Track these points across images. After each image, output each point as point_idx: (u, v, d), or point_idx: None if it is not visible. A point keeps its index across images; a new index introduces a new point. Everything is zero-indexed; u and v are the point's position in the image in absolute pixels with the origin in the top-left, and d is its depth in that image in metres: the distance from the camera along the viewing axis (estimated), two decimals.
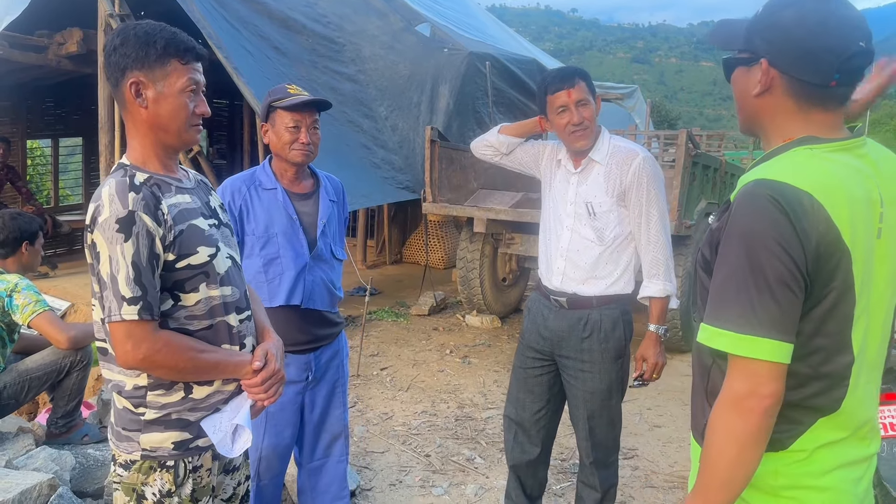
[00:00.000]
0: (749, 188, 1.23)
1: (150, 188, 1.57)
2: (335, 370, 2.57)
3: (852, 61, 1.24)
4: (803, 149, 1.27)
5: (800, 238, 1.17)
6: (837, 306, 1.22)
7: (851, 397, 1.27)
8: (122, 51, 1.57)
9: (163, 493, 1.64)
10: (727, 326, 1.20)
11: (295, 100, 2.31)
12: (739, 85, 1.38)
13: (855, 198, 1.23)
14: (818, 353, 1.24)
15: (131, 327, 1.52)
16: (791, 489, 1.28)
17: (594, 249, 2.50)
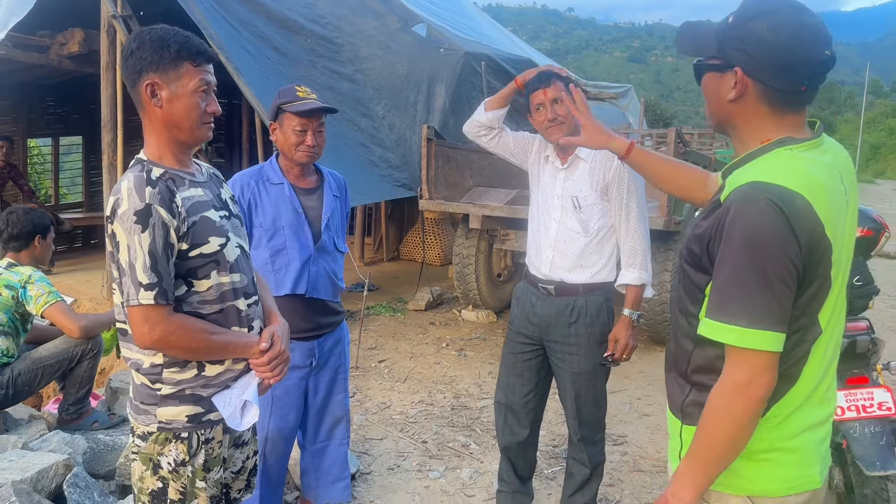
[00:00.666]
0: (745, 191, 1.31)
1: (165, 182, 1.71)
2: (337, 357, 2.71)
3: (819, 68, 1.34)
4: (784, 150, 1.36)
5: (796, 237, 1.27)
6: (819, 292, 1.34)
7: (811, 364, 1.40)
8: (139, 54, 1.70)
9: (177, 462, 1.77)
10: (733, 322, 1.30)
11: (303, 106, 2.44)
12: (711, 90, 1.45)
13: (832, 192, 1.34)
14: (799, 332, 1.36)
15: (148, 311, 1.65)
16: (767, 452, 1.41)
17: (580, 240, 2.65)
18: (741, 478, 1.43)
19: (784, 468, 1.41)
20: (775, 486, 1.41)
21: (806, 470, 1.43)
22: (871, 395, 2.75)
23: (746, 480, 1.42)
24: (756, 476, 1.42)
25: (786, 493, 1.41)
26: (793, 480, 1.42)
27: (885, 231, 3.51)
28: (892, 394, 2.75)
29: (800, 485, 1.42)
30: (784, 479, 1.41)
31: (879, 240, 3.53)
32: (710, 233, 1.37)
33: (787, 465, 1.41)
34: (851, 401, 2.75)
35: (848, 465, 2.82)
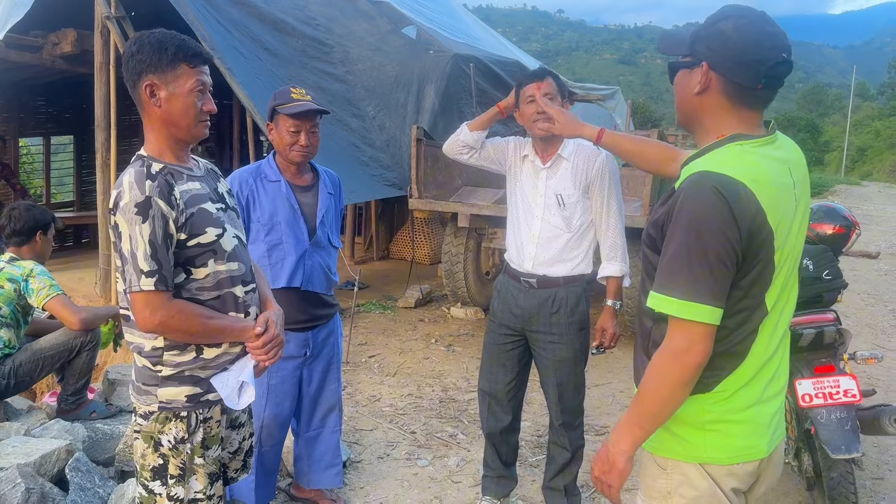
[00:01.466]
0: (695, 179, 1.44)
1: (164, 177, 1.82)
2: (331, 347, 2.83)
3: (776, 69, 1.48)
4: (735, 145, 1.50)
5: (737, 222, 1.39)
6: (762, 275, 1.47)
7: (759, 343, 1.54)
8: (138, 57, 1.81)
9: (177, 440, 1.89)
10: (674, 294, 1.43)
11: (296, 108, 2.56)
12: (681, 85, 1.60)
13: (778, 185, 1.48)
14: (744, 312, 1.49)
15: (149, 296, 1.77)
16: (716, 423, 1.54)
17: (563, 236, 2.78)
18: (693, 446, 1.56)
19: (732, 438, 1.54)
20: (723, 454, 1.54)
21: (753, 440, 1.55)
22: (838, 382, 2.88)
23: (697, 448, 1.55)
24: (705, 445, 1.55)
25: (733, 461, 1.54)
26: (740, 450, 1.55)
27: (855, 228, 3.66)
28: (857, 382, 2.89)
29: (747, 454, 1.55)
30: (732, 449, 1.54)
31: (850, 236, 3.67)
32: (663, 217, 1.51)
33: (735, 435, 1.54)
34: (819, 388, 2.88)
35: (816, 449, 2.96)
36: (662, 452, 1.61)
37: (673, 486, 1.59)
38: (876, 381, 5.05)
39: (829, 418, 2.83)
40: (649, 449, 1.64)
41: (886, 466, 3.74)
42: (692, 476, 1.57)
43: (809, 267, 3.20)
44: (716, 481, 1.55)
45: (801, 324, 3.07)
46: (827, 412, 2.84)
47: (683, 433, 1.57)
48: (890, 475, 3.64)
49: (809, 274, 3.19)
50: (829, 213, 3.61)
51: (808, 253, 3.24)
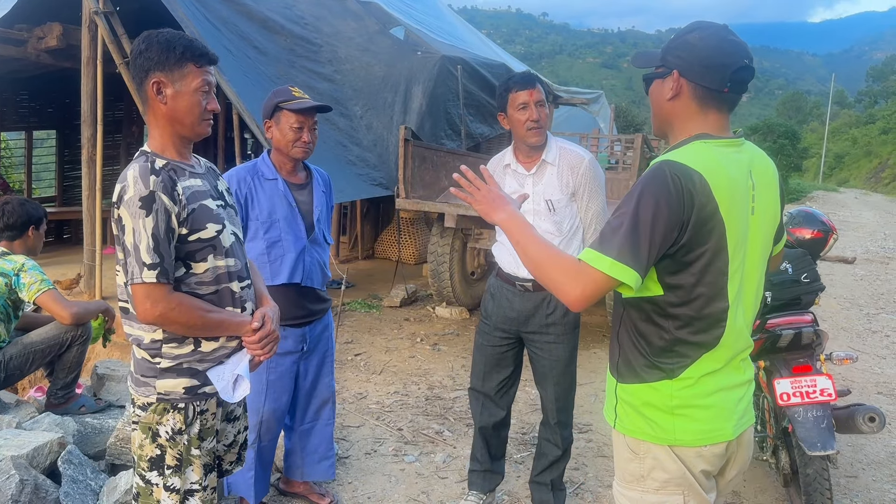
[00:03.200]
0: (655, 165, 1.58)
1: (167, 172, 1.86)
2: (325, 342, 2.88)
3: (739, 73, 1.62)
4: (699, 142, 1.63)
5: (684, 204, 1.50)
6: (713, 262, 1.56)
7: (728, 335, 1.64)
8: (147, 55, 1.86)
9: (174, 430, 1.92)
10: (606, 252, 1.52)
11: (302, 104, 2.61)
12: (655, 94, 1.73)
13: (734, 180, 1.59)
14: (699, 300, 1.59)
15: (150, 289, 1.80)
16: (683, 408, 1.64)
17: (554, 240, 2.83)
18: (663, 429, 1.66)
19: (698, 422, 1.64)
20: (691, 437, 1.65)
21: (719, 423, 1.66)
22: (815, 382, 2.97)
23: (667, 431, 1.65)
24: (673, 428, 1.65)
25: (700, 443, 1.65)
26: (706, 433, 1.65)
27: (832, 233, 3.76)
28: (833, 381, 2.98)
29: (713, 437, 1.65)
30: (698, 432, 1.65)
31: (828, 241, 3.77)
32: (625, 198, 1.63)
33: (701, 419, 1.64)
34: (796, 387, 2.97)
35: (793, 447, 3.05)
36: (635, 434, 1.70)
37: (646, 470, 1.68)
38: (850, 381, 5.18)
39: (806, 416, 2.92)
40: (622, 430, 1.72)
41: (860, 465, 3.85)
42: (663, 459, 1.66)
43: (788, 270, 3.29)
44: (685, 464, 1.65)
45: (779, 325, 3.16)
46: (804, 411, 2.93)
47: (654, 416, 1.66)
48: (863, 473, 3.75)
49: (788, 277, 3.28)
50: (807, 217, 3.71)
51: (787, 256, 3.33)
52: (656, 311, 1.63)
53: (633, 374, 1.68)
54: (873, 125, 50.24)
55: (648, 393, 1.66)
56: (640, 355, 1.67)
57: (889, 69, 74.81)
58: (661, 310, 1.62)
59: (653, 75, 1.72)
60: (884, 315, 7.72)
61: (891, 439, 4.18)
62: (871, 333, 6.90)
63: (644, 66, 1.75)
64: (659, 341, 1.63)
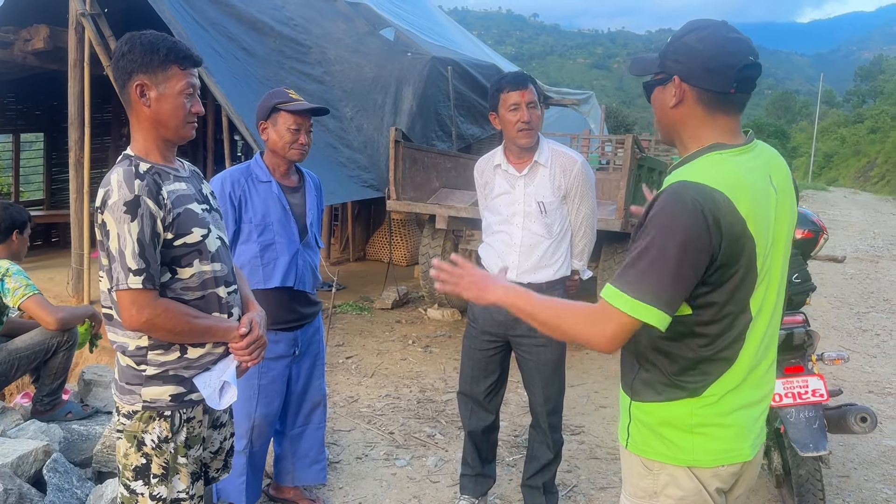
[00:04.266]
0: (675, 188, 1.47)
1: (152, 176, 1.83)
2: (316, 345, 2.86)
3: (745, 72, 1.51)
4: (714, 154, 1.53)
5: (711, 231, 1.41)
6: (744, 281, 1.49)
7: (747, 348, 1.56)
8: (130, 57, 1.82)
9: (161, 439, 1.89)
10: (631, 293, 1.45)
11: (301, 105, 2.59)
12: (658, 102, 1.63)
13: (757, 192, 1.50)
14: (728, 318, 1.51)
15: (136, 295, 1.77)
16: (703, 427, 1.57)
17: (544, 243, 2.82)
18: (681, 450, 1.58)
19: (717, 441, 1.57)
20: (710, 457, 1.57)
21: (738, 444, 1.59)
22: (806, 382, 2.96)
23: (685, 452, 1.58)
24: (692, 448, 1.57)
25: (718, 463, 1.58)
26: (725, 453, 1.58)
27: (823, 233, 3.76)
28: (824, 382, 2.97)
29: (731, 457, 1.58)
30: (717, 452, 1.57)
31: (819, 241, 3.77)
32: (642, 220, 1.55)
33: (721, 438, 1.57)
34: (788, 388, 2.96)
35: (785, 448, 3.04)
36: (650, 455, 1.63)
37: (659, 487, 1.62)
38: (841, 381, 5.19)
39: (798, 417, 2.91)
40: (636, 451, 1.65)
41: (852, 465, 3.85)
42: (679, 477, 1.59)
43: None
44: (701, 482, 1.59)
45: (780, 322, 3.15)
46: (796, 411, 2.92)
47: (672, 436, 1.59)
48: (855, 473, 3.75)
49: None
50: (798, 217, 3.71)
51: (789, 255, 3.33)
52: (683, 331, 1.54)
53: (652, 392, 1.60)
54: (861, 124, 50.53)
55: (667, 412, 1.58)
56: (661, 373, 1.59)
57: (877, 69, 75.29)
58: (688, 329, 1.54)
59: (653, 82, 1.64)
60: (874, 314, 7.75)
61: (882, 439, 4.19)
62: (861, 332, 6.92)
63: (642, 73, 1.66)
64: (683, 360, 1.55)
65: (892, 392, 5.13)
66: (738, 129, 1.60)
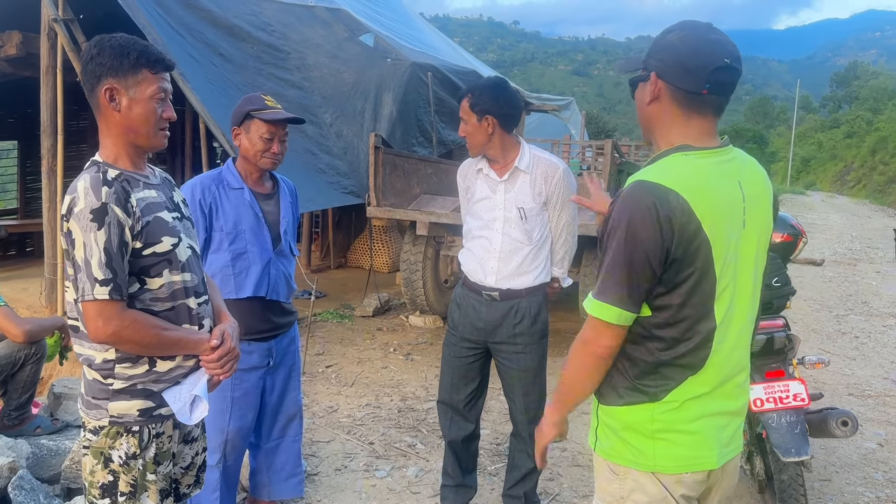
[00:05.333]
0: (631, 188, 1.51)
1: (120, 183, 1.77)
2: (292, 355, 2.79)
3: (718, 74, 1.52)
4: (679, 154, 1.55)
5: (662, 230, 1.44)
6: (700, 283, 1.49)
7: (715, 357, 1.56)
8: (99, 60, 1.77)
9: (128, 455, 1.82)
10: (596, 296, 1.54)
11: (275, 114, 2.52)
12: (639, 98, 1.66)
13: (719, 195, 1.50)
14: (685, 321, 1.52)
15: (102, 306, 1.71)
16: (665, 432, 1.57)
17: (524, 249, 2.78)
18: (643, 455, 1.59)
19: (679, 448, 1.57)
20: (671, 463, 1.58)
21: (701, 451, 1.58)
22: (788, 387, 2.96)
23: (647, 457, 1.58)
24: (654, 453, 1.58)
25: (680, 470, 1.57)
26: (688, 460, 1.58)
27: (802, 236, 3.77)
28: (805, 386, 2.97)
29: (694, 464, 1.58)
30: (679, 458, 1.57)
31: (798, 244, 3.78)
32: (606, 222, 1.59)
33: (683, 445, 1.57)
34: (770, 393, 2.95)
35: (767, 453, 3.03)
36: (615, 459, 1.64)
37: (626, 492, 1.63)
38: (822, 384, 5.21)
39: (780, 422, 2.90)
40: (602, 454, 1.67)
41: (833, 468, 3.85)
42: (644, 483, 1.60)
43: None
44: (667, 488, 1.59)
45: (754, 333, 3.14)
46: (778, 416, 2.92)
47: (634, 441, 1.59)
48: (836, 477, 3.75)
49: None
50: (777, 221, 3.71)
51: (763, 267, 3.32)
52: (641, 333, 1.56)
53: (615, 396, 1.62)
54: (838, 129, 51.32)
55: (629, 415, 1.60)
56: (623, 377, 1.60)
57: (851, 75, 76.51)
58: (646, 331, 1.55)
59: (637, 78, 1.67)
60: (852, 316, 7.82)
61: (863, 441, 4.20)
62: (840, 335, 6.98)
63: (628, 70, 1.70)
64: (643, 363, 1.57)
65: (872, 394, 5.16)
66: (712, 132, 1.60)
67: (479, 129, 2.72)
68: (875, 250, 13.07)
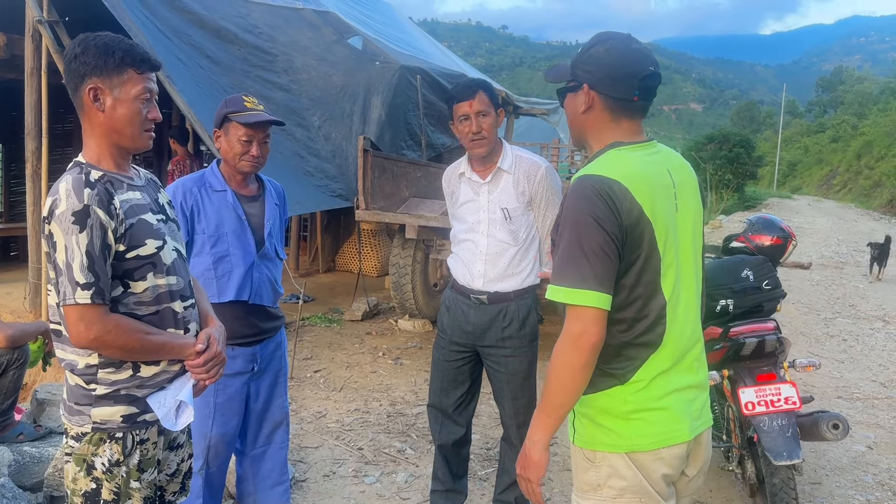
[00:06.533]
0: (576, 182, 1.63)
1: (103, 185, 1.74)
2: (278, 361, 2.74)
3: (646, 81, 1.68)
4: (613, 150, 1.70)
5: (614, 214, 1.55)
6: (648, 262, 1.61)
7: (671, 332, 1.66)
8: (83, 59, 1.73)
9: (112, 462, 1.78)
10: (563, 283, 1.58)
11: (252, 117, 2.48)
12: (570, 107, 1.78)
13: (653, 182, 1.65)
14: (639, 300, 1.62)
15: (84, 310, 1.67)
16: (638, 412, 1.65)
17: (510, 250, 2.76)
18: (619, 436, 1.65)
19: (653, 425, 1.65)
20: (647, 440, 1.64)
21: (674, 426, 1.66)
22: (779, 390, 2.95)
23: (623, 438, 1.64)
24: (629, 433, 1.64)
25: (657, 446, 1.64)
26: (662, 435, 1.65)
27: (792, 239, 3.78)
28: (797, 389, 2.96)
29: (669, 438, 1.65)
30: (654, 434, 1.64)
31: (787, 247, 3.78)
32: (558, 220, 1.69)
33: (656, 422, 1.65)
34: (761, 396, 2.94)
35: (759, 457, 3.02)
36: (590, 445, 1.69)
37: (602, 478, 1.67)
38: (811, 386, 5.23)
39: (771, 426, 2.89)
40: (578, 443, 1.72)
41: (824, 471, 3.85)
42: (619, 467, 1.65)
43: (750, 277, 3.28)
44: (642, 471, 1.64)
45: (743, 333, 3.13)
46: (769, 420, 2.91)
47: (609, 424, 1.65)
48: (827, 480, 3.75)
49: (750, 284, 3.27)
50: (767, 224, 3.72)
51: (748, 263, 3.32)
52: None
53: (588, 385, 1.66)
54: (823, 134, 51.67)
55: (602, 400, 1.66)
56: None
57: (837, 80, 77.15)
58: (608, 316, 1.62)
59: (566, 89, 1.78)
60: (840, 319, 7.85)
61: (853, 444, 4.20)
62: (829, 338, 7.00)
63: (556, 80, 1.81)
64: (608, 347, 1.62)
65: (861, 397, 5.17)
66: (640, 130, 1.76)
67: (496, 122, 2.76)
68: (862, 254, 13.15)
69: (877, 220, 22.92)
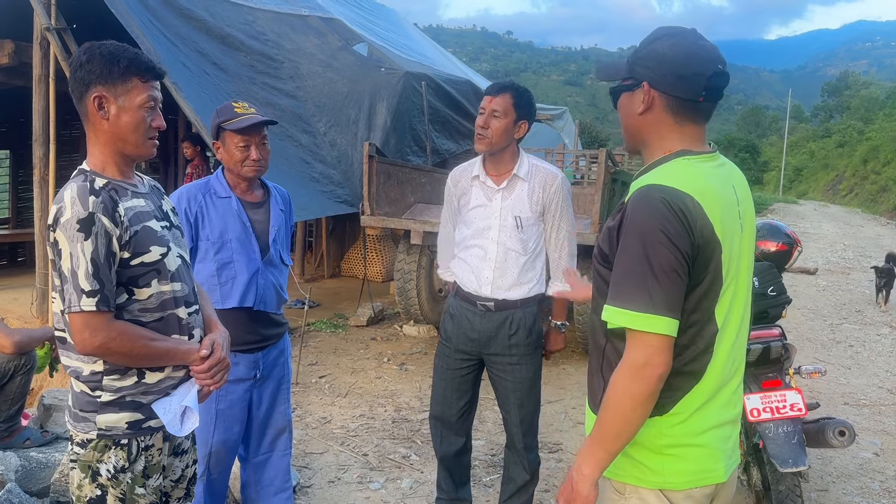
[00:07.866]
0: (643, 192, 1.45)
1: (108, 192, 1.75)
2: (281, 368, 2.74)
3: (713, 80, 1.51)
4: (682, 159, 1.52)
5: (687, 231, 1.40)
6: (711, 288, 1.46)
7: (715, 362, 1.52)
8: (88, 67, 1.74)
9: (117, 469, 1.79)
10: (627, 306, 1.41)
11: (242, 122, 2.47)
12: (625, 108, 1.61)
13: (723, 198, 1.49)
14: (694, 326, 1.47)
15: (89, 317, 1.68)
16: (673, 447, 1.52)
17: (520, 259, 2.75)
18: (652, 471, 1.53)
19: (689, 462, 1.52)
20: (681, 479, 1.52)
21: (710, 464, 1.54)
22: (784, 397, 2.94)
23: (656, 474, 1.53)
24: (662, 469, 1.52)
25: (690, 485, 1.52)
26: (697, 474, 1.53)
27: (797, 245, 3.77)
28: (802, 395, 2.95)
29: (704, 478, 1.53)
30: (689, 473, 1.52)
31: (793, 253, 3.77)
32: (614, 232, 1.52)
33: (692, 459, 1.52)
34: (766, 403, 2.93)
35: (764, 463, 3.00)
36: (620, 477, 1.58)
37: None
38: (817, 392, 5.20)
39: (777, 432, 2.88)
40: (607, 474, 1.58)
41: (830, 478, 3.83)
42: (649, 501, 1.54)
43: (755, 283, 3.26)
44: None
45: (747, 339, 3.12)
46: (775, 426, 2.89)
47: (641, 457, 1.54)
48: (833, 487, 3.73)
49: (755, 290, 3.26)
50: (772, 230, 3.71)
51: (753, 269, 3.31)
52: None
53: None
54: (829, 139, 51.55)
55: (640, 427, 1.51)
56: None
57: (842, 84, 77.02)
58: None
59: (620, 88, 1.61)
60: (847, 325, 7.82)
61: (859, 451, 4.18)
62: (835, 344, 6.97)
63: (609, 78, 1.64)
64: None
65: (868, 403, 5.15)
66: (704, 138, 1.60)
67: (511, 129, 2.68)
68: (868, 259, 13.11)
69: (883, 226, 22.83)
